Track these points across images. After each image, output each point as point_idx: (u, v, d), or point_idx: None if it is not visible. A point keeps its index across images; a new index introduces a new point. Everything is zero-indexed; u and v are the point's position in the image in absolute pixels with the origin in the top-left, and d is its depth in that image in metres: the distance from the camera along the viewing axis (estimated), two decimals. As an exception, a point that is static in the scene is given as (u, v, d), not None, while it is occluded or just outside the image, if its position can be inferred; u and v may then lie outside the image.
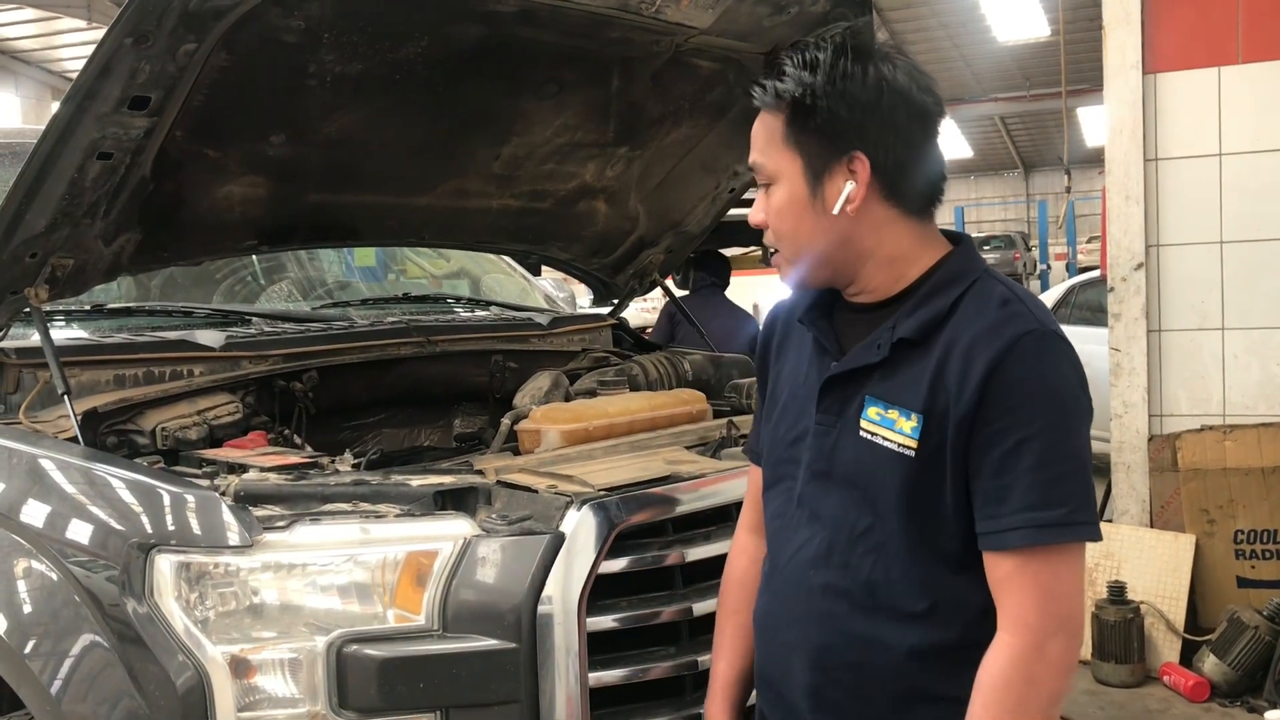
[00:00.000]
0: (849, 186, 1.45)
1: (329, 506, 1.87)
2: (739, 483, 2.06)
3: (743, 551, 1.75)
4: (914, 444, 1.42)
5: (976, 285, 1.46)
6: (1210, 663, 4.09)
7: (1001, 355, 1.38)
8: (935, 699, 1.46)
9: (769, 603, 1.61)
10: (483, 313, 3.60)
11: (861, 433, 1.47)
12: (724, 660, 1.72)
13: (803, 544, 1.53)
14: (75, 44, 22.43)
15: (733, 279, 5.80)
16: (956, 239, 1.55)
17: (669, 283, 3.95)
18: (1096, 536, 1.40)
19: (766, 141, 1.51)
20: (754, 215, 1.55)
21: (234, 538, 1.76)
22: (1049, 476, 1.37)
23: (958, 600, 1.45)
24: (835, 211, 1.46)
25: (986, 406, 1.38)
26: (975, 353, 1.39)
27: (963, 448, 1.40)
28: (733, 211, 3.55)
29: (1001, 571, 1.40)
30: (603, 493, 1.90)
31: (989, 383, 1.38)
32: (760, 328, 1.79)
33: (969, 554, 1.43)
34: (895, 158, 1.45)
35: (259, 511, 1.82)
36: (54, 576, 1.88)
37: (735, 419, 2.53)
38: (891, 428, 1.44)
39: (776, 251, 1.54)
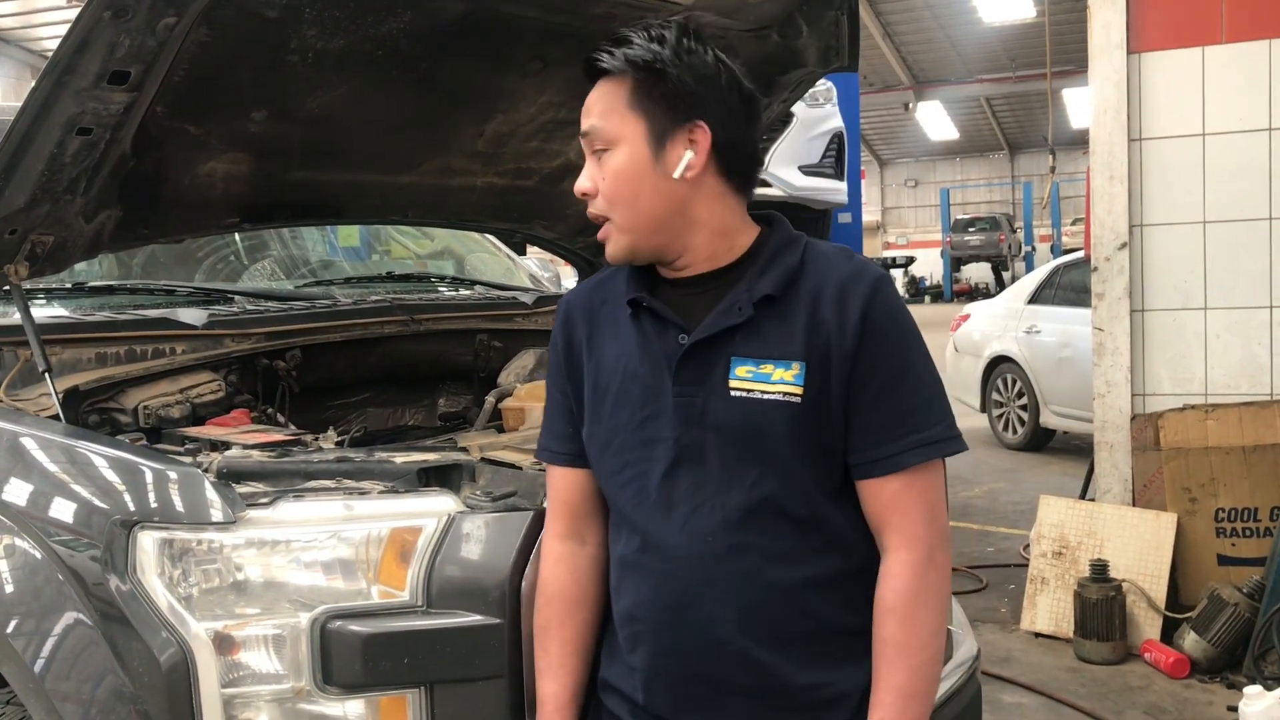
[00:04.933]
0: (688, 154, 1.53)
1: (312, 483, 1.87)
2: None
3: (558, 562, 1.67)
4: (799, 389, 1.49)
5: (811, 245, 1.58)
6: (1191, 640, 4.14)
7: (870, 295, 1.50)
8: (846, 631, 1.55)
9: (660, 588, 1.56)
10: (467, 292, 3.59)
11: (733, 393, 1.51)
12: (554, 680, 1.66)
13: (688, 518, 1.53)
14: (55, 22, 22.23)
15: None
16: (766, 219, 1.64)
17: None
18: (965, 447, 1.56)
19: (608, 107, 1.56)
20: (581, 184, 1.59)
21: (217, 514, 1.75)
22: (926, 399, 1.52)
23: (840, 531, 1.55)
24: (676, 175, 1.53)
25: (866, 342, 1.49)
26: (848, 295, 1.50)
27: (845, 385, 1.50)
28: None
29: (889, 494, 1.51)
30: (587, 469, 1.89)
31: (866, 320, 1.49)
32: None
33: (846, 487, 1.55)
34: (730, 133, 1.55)
35: (242, 488, 1.81)
36: (36, 555, 1.87)
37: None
38: (768, 381, 1.50)
39: (606, 220, 1.58)
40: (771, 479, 1.51)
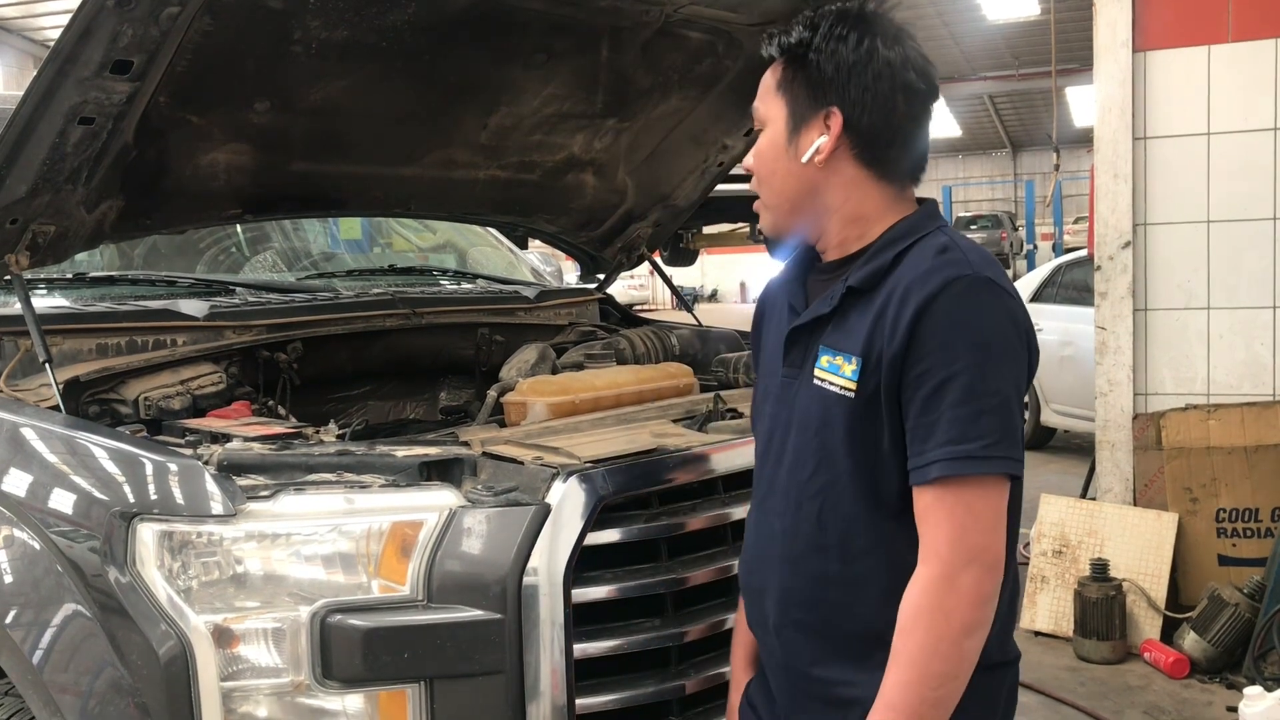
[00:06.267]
0: (820, 139, 1.56)
1: (313, 476, 1.85)
2: (725, 456, 2.07)
3: None
4: (853, 385, 1.50)
5: (924, 239, 1.55)
6: (1190, 639, 4.13)
7: (931, 298, 1.45)
8: (888, 642, 1.48)
9: (746, 550, 1.72)
10: (469, 285, 3.58)
11: (815, 380, 1.56)
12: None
13: (767, 492, 1.65)
14: (56, 12, 22.17)
15: (719, 257, 5.80)
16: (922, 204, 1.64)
17: (656, 257, 3.94)
18: (1013, 470, 1.46)
19: (764, 90, 1.63)
20: (746, 159, 1.67)
21: (217, 507, 1.75)
22: (968, 412, 1.43)
23: (900, 542, 1.50)
24: (804, 160, 1.57)
25: (915, 347, 1.45)
26: (909, 296, 1.47)
27: (895, 388, 1.47)
28: (721, 186, 3.54)
29: (922, 504, 1.47)
30: (589, 465, 1.89)
31: (918, 324, 1.45)
32: None
33: (906, 498, 1.50)
34: (871, 121, 1.55)
35: (243, 481, 1.80)
36: (36, 546, 1.86)
37: (722, 393, 2.53)
38: (837, 373, 1.53)
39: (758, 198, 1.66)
40: (828, 471, 1.54)
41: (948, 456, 1.43)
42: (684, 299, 4.00)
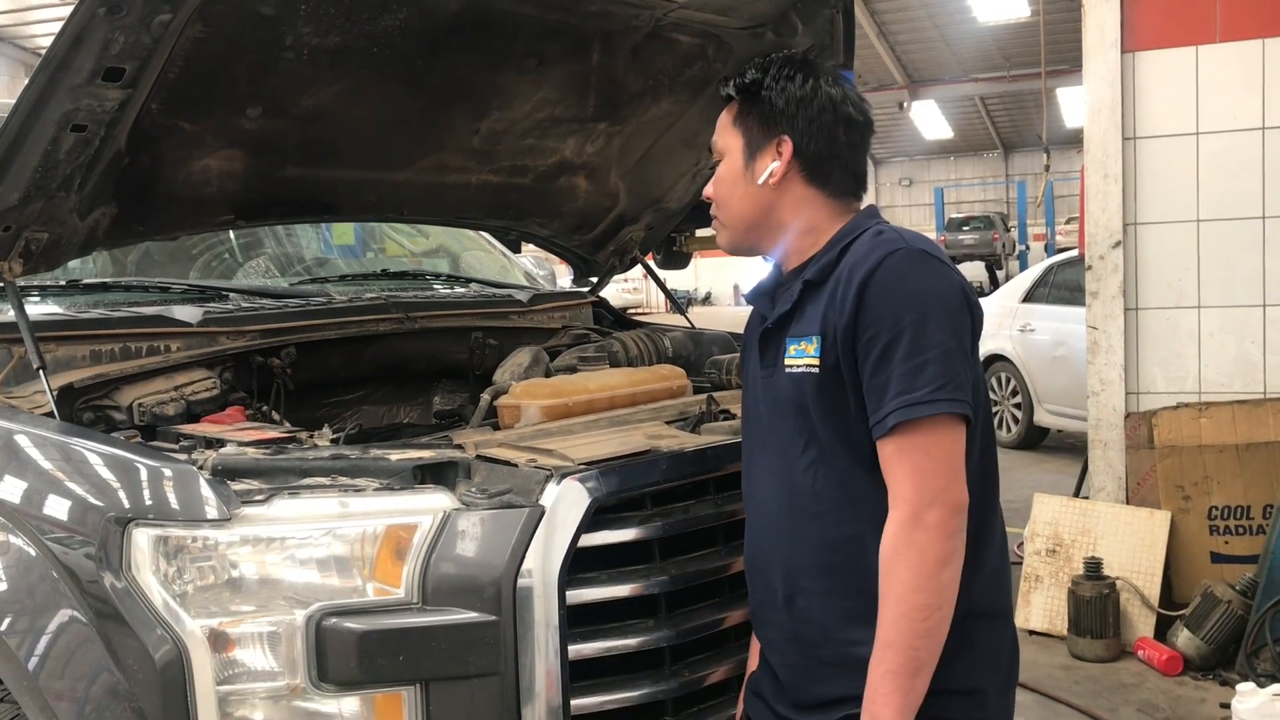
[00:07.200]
0: (773, 164, 1.77)
1: (308, 481, 1.86)
2: (718, 456, 2.08)
3: None
4: (817, 361, 1.68)
5: (864, 232, 1.74)
6: (1184, 637, 4.15)
7: (871, 272, 1.63)
8: None
9: (749, 543, 1.85)
10: (462, 290, 3.59)
11: (787, 370, 1.72)
12: None
13: (760, 478, 1.80)
14: (48, 20, 22.14)
15: (712, 260, 5.82)
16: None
17: (649, 260, 3.95)
18: (959, 409, 1.60)
19: (722, 125, 1.86)
20: (707, 188, 1.89)
21: (212, 511, 1.75)
22: (914, 365, 1.59)
23: (884, 498, 1.63)
24: (760, 182, 1.78)
25: (861, 316, 1.63)
26: (854, 274, 1.65)
27: (852, 356, 1.64)
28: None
29: (885, 456, 1.62)
30: (583, 467, 1.90)
31: (862, 296, 1.63)
32: None
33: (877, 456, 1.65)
34: (817, 148, 1.77)
35: (237, 486, 1.81)
36: (31, 552, 1.86)
37: (715, 394, 2.54)
38: (803, 356, 1.70)
39: (717, 217, 1.87)
40: (815, 445, 1.70)
41: (900, 405, 1.58)
42: (677, 302, 4.01)
